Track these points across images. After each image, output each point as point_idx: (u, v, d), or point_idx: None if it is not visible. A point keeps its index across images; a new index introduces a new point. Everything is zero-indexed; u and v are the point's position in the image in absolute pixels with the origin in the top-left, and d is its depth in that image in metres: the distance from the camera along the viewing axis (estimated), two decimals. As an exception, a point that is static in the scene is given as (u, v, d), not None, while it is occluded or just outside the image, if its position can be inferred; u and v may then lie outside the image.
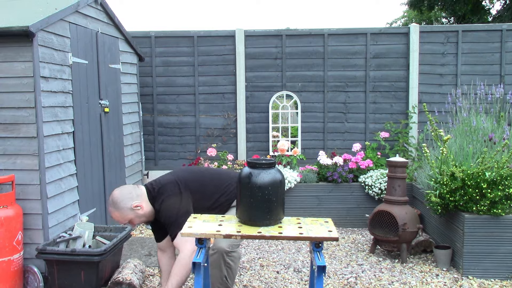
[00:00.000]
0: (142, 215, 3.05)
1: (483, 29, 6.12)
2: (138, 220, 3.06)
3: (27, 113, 3.58)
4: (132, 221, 3.04)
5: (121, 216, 3.01)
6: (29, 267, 3.66)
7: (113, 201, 3.02)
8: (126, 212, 3.00)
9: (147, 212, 3.07)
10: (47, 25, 3.66)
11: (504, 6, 15.94)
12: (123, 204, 2.99)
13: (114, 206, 3.01)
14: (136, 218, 3.04)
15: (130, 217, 3.02)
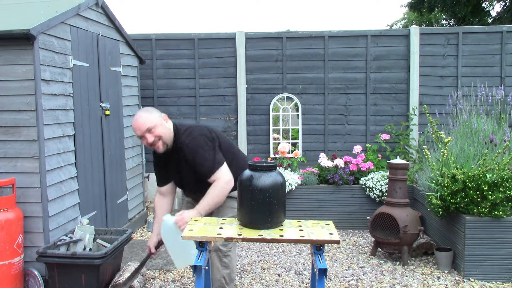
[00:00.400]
0: (167, 129, 2.98)
1: (483, 31, 6.12)
2: (161, 130, 2.94)
3: (28, 116, 3.58)
4: (155, 129, 2.92)
5: (149, 118, 2.93)
6: (30, 270, 3.65)
7: (145, 108, 3.04)
8: (156, 116, 2.96)
9: (170, 134, 3.00)
10: (48, 28, 3.66)
11: (504, 8, 15.94)
12: (154, 111, 3.00)
13: (146, 110, 2.99)
14: (160, 127, 2.94)
15: (157, 121, 2.94)
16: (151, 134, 2.92)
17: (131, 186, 5.40)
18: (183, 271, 4.18)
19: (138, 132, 2.95)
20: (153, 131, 2.92)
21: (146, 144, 2.97)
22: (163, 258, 4.45)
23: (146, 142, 2.94)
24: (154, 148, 2.99)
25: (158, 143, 2.96)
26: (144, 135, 2.92)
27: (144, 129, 2.91)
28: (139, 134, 2.95)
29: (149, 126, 2.91)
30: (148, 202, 6.25)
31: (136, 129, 2.95)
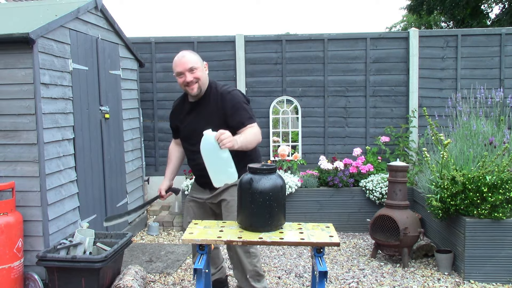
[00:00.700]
0: (205, 75, 3.05)
1: (482, 33, 6.13)
2: (201, 74, 3.00)
3: (28, 120, 3.58)
4: (197, 70, 2.98)
5: (194, 58, 3.00)
6: (30, 274, 3.65)
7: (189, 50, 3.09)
8: (200, 59, 3.04)
9: (206, 81, 3.07)
10: (47, 31, 3.67)
11: (503, 10, 15.98)
12: (198, 55, 3.07)
13: (191, 52, 3.04)
14: (201, 71, 3.01)
15: (200, 64, 3.01)
16: (191, 74, 2.97)
17: (131, 189, 5.40)
18: (183, 274, 4.17)
19: (179, 68, 2.98)
20: (195, 72, 2.98)
21: (182, 82, 3.00)
22: (163, 262, 4.45)
23: (183, 80, 2.98)
24: (188, 90, 3.02)
25: (194, 84, 3.00)
26: (185, 73, 2.96)
27: (187, 67, 2.96)
28: (179, 70, 2.98)
29: (193, 66, 2.97)
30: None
31: (178, 65, 2.98)
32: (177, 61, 3.00)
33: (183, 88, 3.06)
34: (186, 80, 2.97)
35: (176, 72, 3.01)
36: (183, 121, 3.19)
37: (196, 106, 3.12)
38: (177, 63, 3.00)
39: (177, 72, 3.00)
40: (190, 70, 2.97)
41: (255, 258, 3.18)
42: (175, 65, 3.01)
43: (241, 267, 3.15)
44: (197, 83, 3.00)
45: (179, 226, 5.66)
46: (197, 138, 2.90)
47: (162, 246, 4.95)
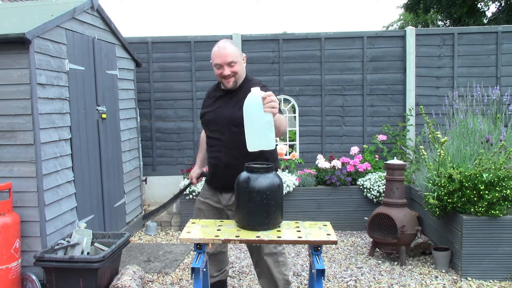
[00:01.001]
0: (243, 70, 2.98)
1: (479, 31, 6.14)
2: (239, 68, 2.92)
3: (24, 120, 3.58)
4: (236, 65, 2.90)
5: (235, 52, 2.91)
6: (27, 275, 3.64)
7: (229, 40, 2.99)
8: (240, 52, 2.96)
9: (243, 75, 3.00)
10: (43, 32, 3.66)
11: (499, 8, 16.00)
12: (238, 47, 2.98)
13: (232, 43, 2.95)
14: (240, 65, 2.93)
15: (240, 58, 2.94)
16: (229, 68, 2.89)
17: (128, 189, 5.40)
18: (181, 274, 4.17)
19: (218, 60, 2.89)
20: (233, 66, 2.89)
21: (219, 74, 2.93)
22: (161, 261, 4.45)
23: (221, 72, 2.91)
24: (224, 82, 2.95)
25: (231, 78, 2.92)
26: (223, 66, 2.88)
27: (227, 61, 2.87)
28: (218, 62, 2.89)
29: (233, 60, 2.88)
30: (146, 206, 6.24)
31: (218, 57, 2.89)
32: (217, 52, 2.90)
33: (219, 79, 2.99)
34: (224, 73, 2.89)
35: (215, 63, 2.92)
36: (209, 106, 3.10)
37: (227, 95, 3.03)
38: (217, 55, 2.90)
39: (216, 64, 2.91)
40: (229, 64, 2.88)
41: (284, 267, 3.09)
42: (215, 56, 2.91)
43: (272, 278, 3.05)
44: (234, 77, 2.93)
45: (177, 225, 5.66)
46: (217, 126, 2.88)
47: (160, 246, 4.95)
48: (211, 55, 2.96)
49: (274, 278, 3.05)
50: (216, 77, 3.06)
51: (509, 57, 6.03)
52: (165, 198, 6.29)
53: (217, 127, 2.96)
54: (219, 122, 2.96)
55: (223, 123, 2.94)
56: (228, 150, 2.93)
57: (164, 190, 6.34)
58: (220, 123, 2.94)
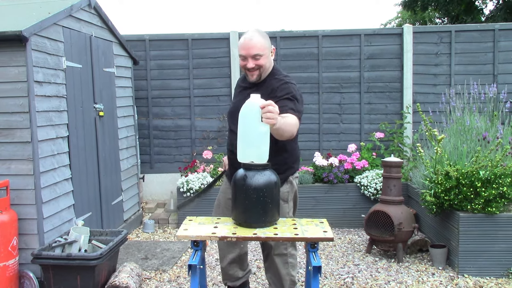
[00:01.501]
0: (269, 63, 2.88)
1: (476, 29, 6.15)
2: (265, 61, 2.81)
3: (21, 118, 3.58)
4: (262, 58, 2.78)
5: (262, 44, 2.78)
6: (25, 272, 3.64)
7: (258, 29, 2.85)
8: (268, 44, 2.83)
9: (269, 69, 2.90)
10: (40, 29, 3.66)
11: (496, 6, 16.02)
12: (268, 38, 2.85)
13: (260, 33, 2.80)
14: (266, 58, 2.82)
15: (267, 51, 2.82)
16: (254, 61, 2.77)
17: (126, 187, 5.40)
18: (179, 271, 4.18)
19: (243, 52, 2.77)
20: (258, 59, 2.78)
21: (243, 66, 2.83)
22: (159, 259, 4.46)
23: (244, 64, 2.81)
24: (248, 74, 2.85)
25: (255, 71, 2.82)
26: (248, 58, 2.77)
27: (252, 53, 2.75)
28: (242, 54, 2.78)
29: (258, 53, 2.76)
30: (143, 203, 6.25)
31: (243, 49, 2.77)
32: (243, 43, 2.77)
33: (243, 71, 2.88)
34: (248, 66, 2.78)
35: (240, 55, 2.82)
36: (234, 98, 3.03)
37: (251, 88, 2.92)
38: (243, 46, 2.77)
39: (240, 55, 2.80)
40: (254, 57, 2.76)
41: (292, 268, 3.09)
42: (241, 46, 2.79)
43: (279, 277, 3.07)
44: (258, 70, 2.82)
45: (174, 223, 5.66)
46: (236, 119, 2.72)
47: (157, 244, 4.96)
48: (238, 45, 2.86)
49: (280, 277, 3.07)
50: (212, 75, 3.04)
51: (506, 54, 6.05)
52: (163, 196, 6.33)
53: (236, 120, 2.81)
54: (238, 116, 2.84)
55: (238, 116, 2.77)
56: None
57: (162, 187, 6.34)
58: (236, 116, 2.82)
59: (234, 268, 3.26)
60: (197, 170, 5.73)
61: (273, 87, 2.86)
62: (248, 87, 2.96)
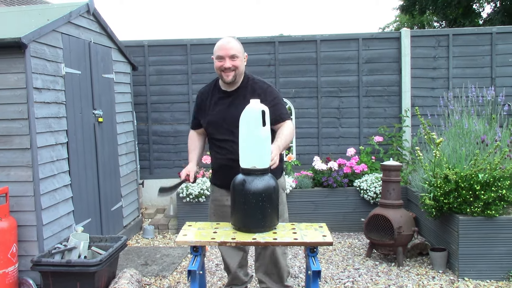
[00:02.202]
0: (243, 67, 3.04)
1: (473, 32, 6.17)
2: (240, 63, 2.98)
3: (20, 125, 3.58)
4: (237, 59, 2.96)
5: (238, 47, 2.99)
6: (24, 279, 3.64)
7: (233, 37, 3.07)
8: (242, 49, 3.03)
9: (242, 72, 3.05)
10: (39, 36, 3.67)
11: (494, 9, 16.08)
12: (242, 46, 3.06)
13: (236, 40, 3.02)
14: (241, 61, 2.99)
15: (241, 54, 3.00)
16: (231, 61, 2.94)
17: (125, 193, 5.40)
18: (179, 277, 4.18)
19: (221, 52, 2.95)
20: (235, 60, 2.95)
21: (219, 67, 2.97)
22: (158, 265, 4.45)
23: (222, 65, 2.95)
24: (223, 75, 2.97)
25: (231, 72, 2.97)
26: (225, 58, 2.94)
27: (229, 53, 2.93)
28: (221, 54, 2.94)
29: (235, 54, 2.95)
30: (143, 209, 6.24)
31: (221, 49, 2.95)
32: (220, 45, 2.97)
33: (218, 73, 3.01)
34: (225, 65, 2.94)
35: (217, 55, 2.97)
36: (212, 109, 3.10)
37: (231, 95, 3.06)
38: (220, 47, 2.96)
39: (218, 56, 2.96)
40: (231, 57, 2.94)
41: (287, 259, 3.31)
42: (218, 48, 2.97)
43: (278, 266, 3.21)
44: (234, 71, 2.97)
45: (174, 229, 5.66)
46: (228, 127, 2.93)
47: (157, 249, 4.96)
48: (214, 49, 3.01)
49: (280, 266, 3.21)
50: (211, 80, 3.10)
51: (504, 57, 6.06)
52: (162, 201, 6.32)
53: (228, 128, 2.97)
54: (230, 122, 2.95)
55: (234, 122, 2.76)
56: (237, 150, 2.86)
57: (161, 193, 6.33)
58: (231, 123, 2.92)
59: (241, 271, 3.39)
60: (196, 176, 5.71)
61: (259, 91, 3.02)
62: (225, 96, 3.07)
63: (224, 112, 3.03)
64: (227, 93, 3.07)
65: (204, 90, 3.22)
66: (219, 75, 3.04)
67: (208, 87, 3.21)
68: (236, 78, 3.00)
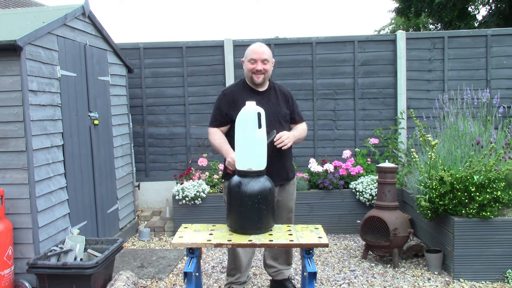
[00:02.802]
0: (271, 71, 3.36)
1: (469, 34, 6.20)
2: (270, 68, 3.31)
3: (16, 127, 3.58)
4: (268, 64, 3.27)
5: (270, 53, 3.32)
6: (20, 282, 3.63)
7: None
8: (272, 57, 3.35)
9: (269, 76, 3.39)
10: (34, 38, 3.67)
11: (489, 12, 16.16)
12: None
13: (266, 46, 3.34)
14: (271, 66, 3.32)
15: (271, 60, 3.32)
16: (262, 65, 3.25)
17: (121, 195, 5.39)
18: (175, 279, 4.17)
19: (254, 56, 3.24)
20: (266, 64, 3.27)
21: (251, 69, 3.26)
22: (155, 267, 4.45)
23: (254, 67, 3.25)
24: (254, 77, 3.26)
25: (261, 74, 3.27)
26: (258, 61, 3.24)
27: (262, 58, 3.25)
28: (254, 57, 3.24)
29: (267, 58, 3.27)
30: (139, 211, 6.24)
31: (255, 53, 3.25)
32: (254, 48, 3.26)
33: (249, 75, 3.28)
34: (257, 68, 3.24)
35: (250, 58, 3.26)
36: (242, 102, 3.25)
37: (264, 94, 3.36)
38: (254, 51, 3.25)
39: (251, 58, 3.25)
40: (263, 61, 3.24)
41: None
42: (252, 51, 3.26)
43: (288, 253, 3.63)
44: (264, 75, 3.27)
45: (170, 231, 5.65)
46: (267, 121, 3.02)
47: (153, 252, 4.95)
48: (246, 52, 3.32)
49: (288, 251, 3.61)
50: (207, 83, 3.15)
51: (499, 60, 6.10)
52: (158, 204, 6.33)
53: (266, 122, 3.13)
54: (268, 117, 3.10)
55: (274, 117, 3.27)
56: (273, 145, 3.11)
57: (157, 195, 6.34)
58: (270, 118, 3.16)
59: (248, 268, 3.58)
60: (192, 178, 5.73)
61: (286, 93, 3.49)
62: (256, 94, 3.32)
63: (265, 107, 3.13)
64: (260, 92, 3.36)
65: (233, 89, 3.42)
66: (249, 77, 3.31)
67: (236, 87, 3.43)
68: (264, 80, 3.32)
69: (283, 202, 3.49)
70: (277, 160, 3.19)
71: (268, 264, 3.64)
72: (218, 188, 5.59)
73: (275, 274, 3.64)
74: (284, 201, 3.51)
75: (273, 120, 3.25)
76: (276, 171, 3.19)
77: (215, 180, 5.64)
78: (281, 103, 3.41)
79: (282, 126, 3.32)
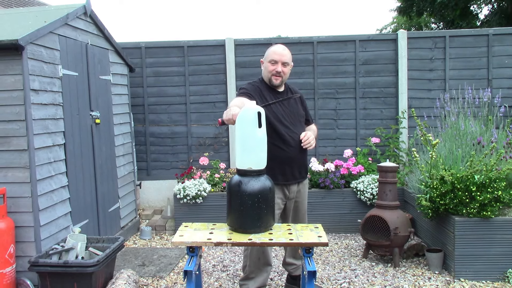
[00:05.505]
0: (288, 74, 3.41)
1: (470, 34, 6.19)
2: (288, 71, 3.38)
3: (18, 126, 3.59)
4: (288, 67, 3.36)
5: (290, 57, 3.39)
6: (22, 280, 3.65)
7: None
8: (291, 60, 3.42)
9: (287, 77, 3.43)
10: (36, 38, 3.68)
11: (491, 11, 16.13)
12: None
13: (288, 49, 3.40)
14: (289, 69, 3.39)
15: (290, 65, 3.39)
16: (282, 67, 3.32)
17: (123, 194, 5.40)
18: (176, 277, 4.19)
19: (276, 57, 3.31)
20: (286, 67, 3.35)
21: (271, 70, 3.32)
22: (156, 265, 4.46)
23: (274, 68, 3.32)
24: (272, 78, 3.33)
25: (279, 77, 3.34)
26: (278, 63, 3.31)
27: (283, 60, 3.32)
28: (275, 58, 3.31)
29: (287, 61, 3.35)
30: (140, 210, 6.25)
31: (277, 54, 3.31)
32: (276, 50, 3.33)
33: (268, 76, 3.35)
34: (277, 69, 3.31)
35: (271, 59, 3.32)
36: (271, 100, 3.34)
37: (284, 95, 3.45)
38: (276, 52, 3.32)
39: (272, 59, 3.32)
40: (284, 64, 3.32)
41: None
42: (274, 52, 3.32)
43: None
44: (282, 77, 3.35)
45: (171, 230, 5.67)
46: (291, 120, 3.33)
47: (154, 250, 4.96)
48: (267, 52, 3.39)
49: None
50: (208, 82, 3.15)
51: (500, 59, 6.09)
52: (160, 203, 6.34)
53: (291, 121, 3.35)
54: (292, 117, 3.38)
55: (296, 117, 3.40)
56: (297, 143, 3.30)
57: (159, 194, 6.35)
58: (293, 118, 3.37)
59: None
60: (193, 177, 5.74)
61: (301, 96, 3.59)
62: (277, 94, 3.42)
63: (286, 106, 3.41)
64: (280, 92, 3.45)
65: (254, 84, 3.43)
66: (268, 78, 3.38)
67: (257, 83, 3.44)
68: (282, 83, 3.40)
69: (301, 203, 3.55)
70: (301, 157, 3.38)
71: (288, 262, 3.73)
72: (219, 187, 5.60)
73: (293, 270, 3.73)
74: (302, 202, 3.57)
75: (295, 120, 3.38)
76: (298, 168, 3.37)
77: (216, 179, 5.65)
78: (298, 104, 3.51)
79: (302, 127, 3.46)
